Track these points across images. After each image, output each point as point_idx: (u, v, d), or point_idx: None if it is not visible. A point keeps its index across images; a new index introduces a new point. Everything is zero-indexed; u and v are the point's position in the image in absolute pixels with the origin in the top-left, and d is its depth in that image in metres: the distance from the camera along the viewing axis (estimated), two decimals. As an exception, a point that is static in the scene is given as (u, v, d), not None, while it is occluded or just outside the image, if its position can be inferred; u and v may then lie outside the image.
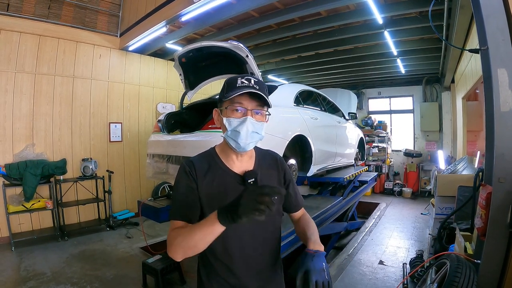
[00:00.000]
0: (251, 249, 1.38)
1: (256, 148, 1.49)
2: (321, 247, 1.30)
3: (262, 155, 1.51)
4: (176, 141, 3.56)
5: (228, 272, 1.36)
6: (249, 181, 1.36)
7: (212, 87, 5.72)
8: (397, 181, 10.78)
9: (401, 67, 8.88)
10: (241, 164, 1.41)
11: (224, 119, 1.32)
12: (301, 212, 1.61)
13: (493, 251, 2.42)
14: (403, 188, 10.29)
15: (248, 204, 0.96)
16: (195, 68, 3.95)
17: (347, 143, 5.65)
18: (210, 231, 1.09)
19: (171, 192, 4.30)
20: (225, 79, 1.37)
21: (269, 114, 1.39)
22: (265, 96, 1.30)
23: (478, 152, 5.47)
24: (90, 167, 6.18)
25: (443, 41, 6.09)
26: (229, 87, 1.31)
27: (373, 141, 11.12)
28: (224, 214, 1.04)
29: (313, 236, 1.39)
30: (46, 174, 5.59)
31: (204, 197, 1.33)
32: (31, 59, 5.70)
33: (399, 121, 11.77)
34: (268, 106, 1.36)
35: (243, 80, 1.30)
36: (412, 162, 10.69)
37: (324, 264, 1.20)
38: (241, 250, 1.36)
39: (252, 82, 1.30)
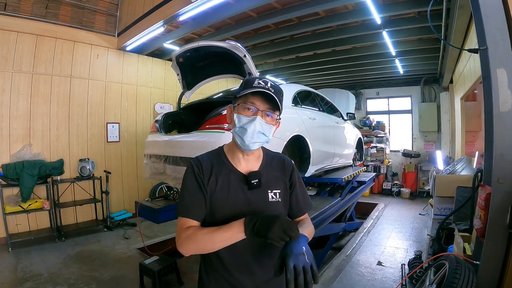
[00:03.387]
0: (250, 249, 1.38)
1: (265, 150, 1.52)
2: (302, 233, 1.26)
3: (271, 158, 1.52)
4: (174, 141, 3.54)
5: (226, 270, 1.38)
6: (252, 181, 1.37)
7: (210, 87, 5.72)
8: (396, 182, 10.78)
9: (400, 67, 8.89)
10: (247, 164, 1.43)
11: (235, 115, 1.36)
12: (304, 217, 1.58)
13: (492, 252, 2.40)
14: (402, 189, 10.29)
15: (278, 232, 1.12)
16: (192, 68, 3.94)
17: (345, 143, 5.65)
18: (233, 239, 1.22)
19: (168, 193, 4.28)
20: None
21: (280, 119, 1.42)
22: (277, 100, 1.33)
23: (477, 153, 5.47)
24: (88, 167, 6.15)
25: (442, 41, 6.10)
26: (246, 85, 1.35)
27: (372, 142, 11.12)
28: (251, 229, 1.17)
29: (301, 227, 1.40)
30: (43, 174, 5.56)
31: (208, 194, 1.36)
32: (28, 59, 5.67)
33: (398, 122, 11.77)
34: (280, 111, 1.38)
35: (260, 81, 1.33)
36: (410, 163, 10.70)
37: (304, 247, 1.16)
38: (240, 250, 1.36)
39: (269, 85, 1.33)
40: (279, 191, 1.44)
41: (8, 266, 4.58)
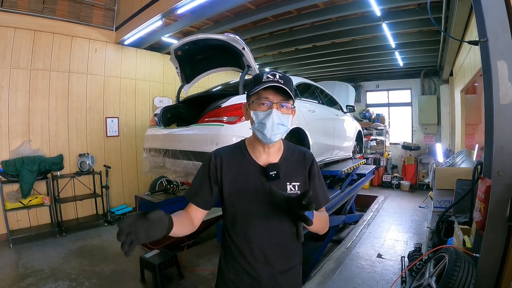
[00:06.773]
0: (267, 240, 1.42)
1: (286, 143, 1.54)
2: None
3: (291, 150, 1.53)
4: (173, 135, 3.54)
5: (245, 260, 1.42)
6: (271, 173, 1.40)
7: (209, 80, 5.69)
8: (395, 174, 10.79)
9: (399, 60, 8.83)
10: (267, 157, 1.46)
11: (252, 113, 1.39)
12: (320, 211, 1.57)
13: (492, 245, 2.41)
14: (401, 181, 10.29)
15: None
16: (191, 61, 3.92)
17: (345, 136, 5.63)
18: None
19: (168, 186, 4.28)
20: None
21: (294, 107, 1.44)
22: (288, 90, 1.34)
23: (477, 145, 5.48)
24: (87, 162, 6.15)
25: (442, 34, 6.06)
26: (255, 82, 1.38)
27: (371, 134, 11.09)
28: None
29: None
30: (43, 170, 5.55)
31: (227, 187, 1.42)
32: (26, 55, 5.63)
33: (397, 114, 11.74)
34: (293, 99, 1.41)
35: (268, 75, 1.36)
36: (410, 155, 10.71)
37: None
38: (258, 240, 1.41)
39: (277, 77, 1.36)
40: (298, 183, 1.46)
41: (9, 262, 4.60)
